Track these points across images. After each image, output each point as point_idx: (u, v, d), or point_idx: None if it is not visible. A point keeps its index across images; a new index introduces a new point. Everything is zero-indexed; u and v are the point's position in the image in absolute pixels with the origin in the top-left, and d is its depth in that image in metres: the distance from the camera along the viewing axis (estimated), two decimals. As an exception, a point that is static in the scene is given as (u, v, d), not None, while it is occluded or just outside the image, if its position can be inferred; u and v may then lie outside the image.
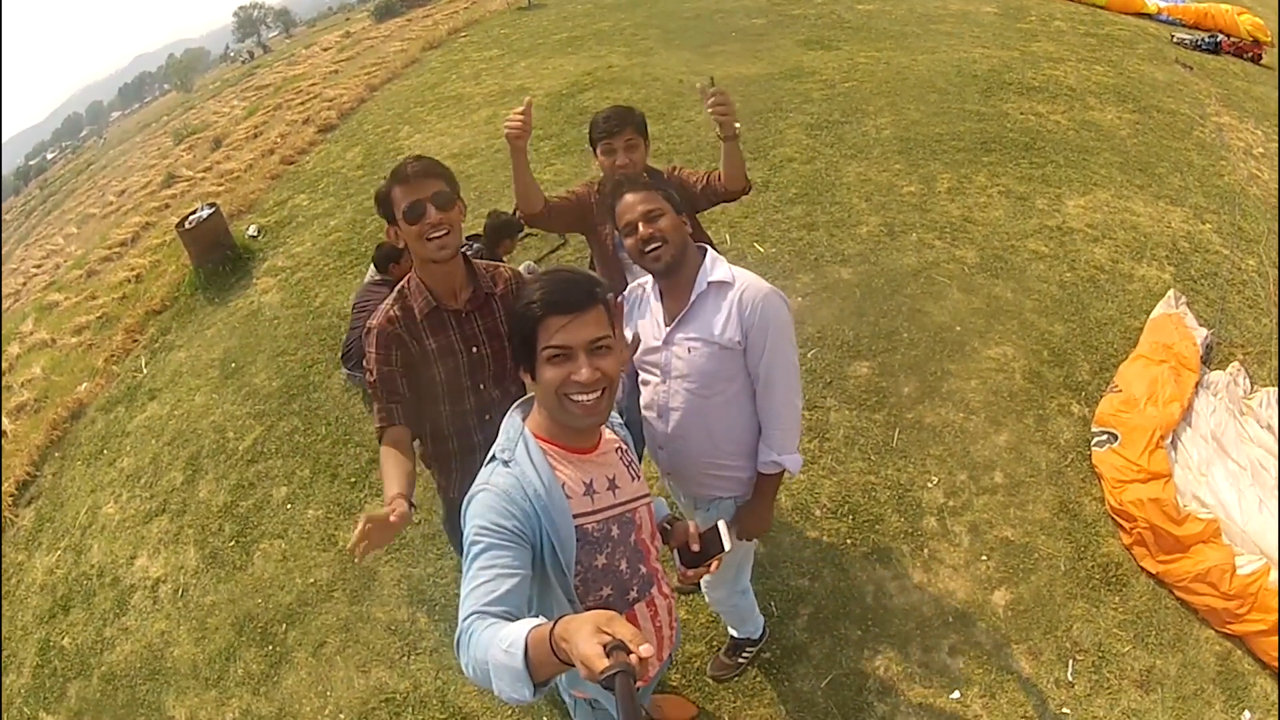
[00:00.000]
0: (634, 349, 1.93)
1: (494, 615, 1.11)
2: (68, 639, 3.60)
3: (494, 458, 1.35)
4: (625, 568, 1.45)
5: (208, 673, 3.14)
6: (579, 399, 1.28)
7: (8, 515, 4.66)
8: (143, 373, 5.48)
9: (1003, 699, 2.43)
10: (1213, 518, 2.69)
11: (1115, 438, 3.08)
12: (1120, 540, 2.86)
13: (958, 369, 3.68)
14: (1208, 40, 8.27)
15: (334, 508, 3.70)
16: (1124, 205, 4.86)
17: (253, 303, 5.76)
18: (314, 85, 13.70)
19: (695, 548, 1.57)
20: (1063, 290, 4.12)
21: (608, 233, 2.39)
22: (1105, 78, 6.98)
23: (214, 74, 40.60)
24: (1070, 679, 2.46)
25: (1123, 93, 6.61)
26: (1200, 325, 3.71)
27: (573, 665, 0.91)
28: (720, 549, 1.56)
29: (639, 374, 1.96)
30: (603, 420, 1.35)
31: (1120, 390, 3.30)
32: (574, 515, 1.33)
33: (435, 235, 1.77)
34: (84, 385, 5.67)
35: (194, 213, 6.59)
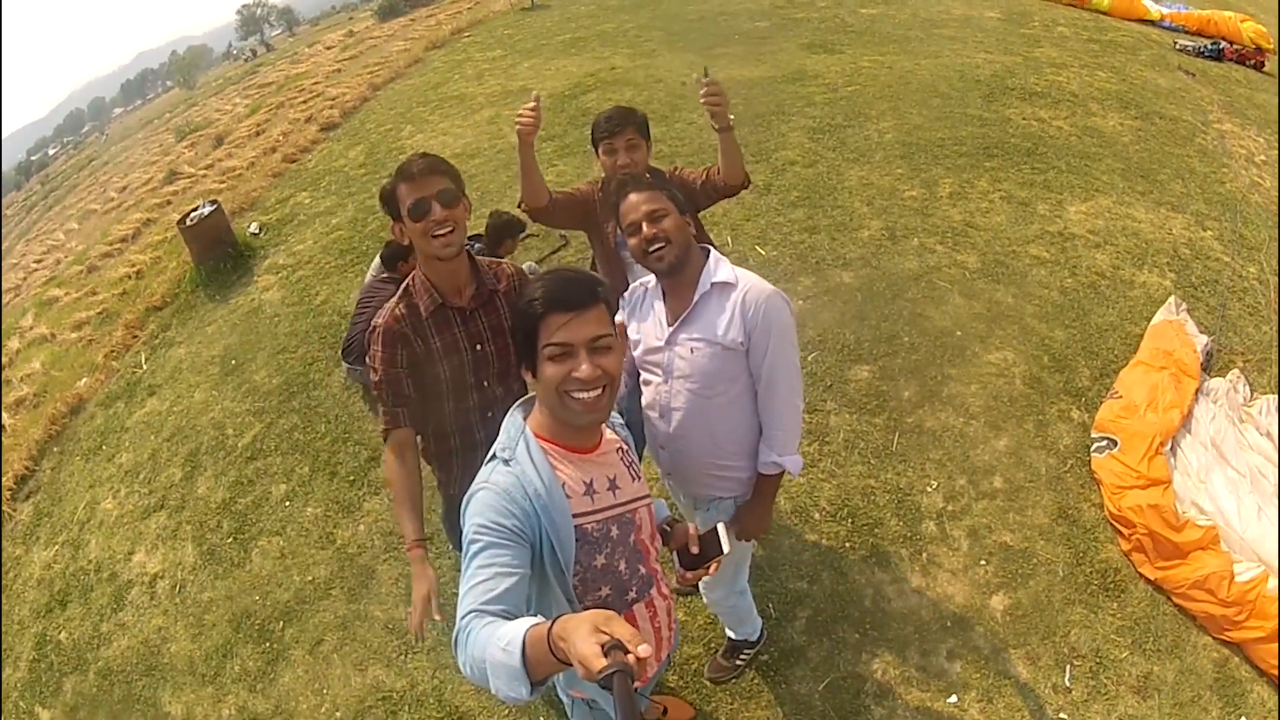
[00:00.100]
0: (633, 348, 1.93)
1: (492, 614, 1.11)
2: (65, 634, 3.60)
3: (494, 456, 1.35)
4: (624, 568, 1.45)
5: (204, 669, 3.14)
6: (580, 396, 1.28)
7: (6, 510, 4.67)
8: (142, 369, 5.49)
9: (1000, 703, 2.43)
10: (1211, 524, 2.69)
11: (1115, 443, 3.08)
12: (1119, 546, 2.86)
13: (958, 374, 3.68)
14: (1210, 47, 8.27)
15: (333, 505, 3.70)
16: (1125, 211, 4.86)
17: (253, 300, 5.77)
18: (317, 84, 13.71)
19: (695, 550, 1.58)
20: (1064, 296, 4.12)
21: (610, 231, 2.39)
22: (1108, 84, 6.98)
23: (217, 71, 40.64)
24: (1068, 684, 2.46)
25: (1125, 99, 6.61)
26: (1201, 332, 3.71)
27: (570, 665, 0.91)
28: (719, 551, 1.56)
29: (640, 374, 1.96)
30: (604, 418, 1.36)
31: (1120, 396, 3.30)
32: (574, 515, 1.33)
33: (440, 233, 1.78)
34: (83, 381, 5.67)
35: (195, 210, 6.60)
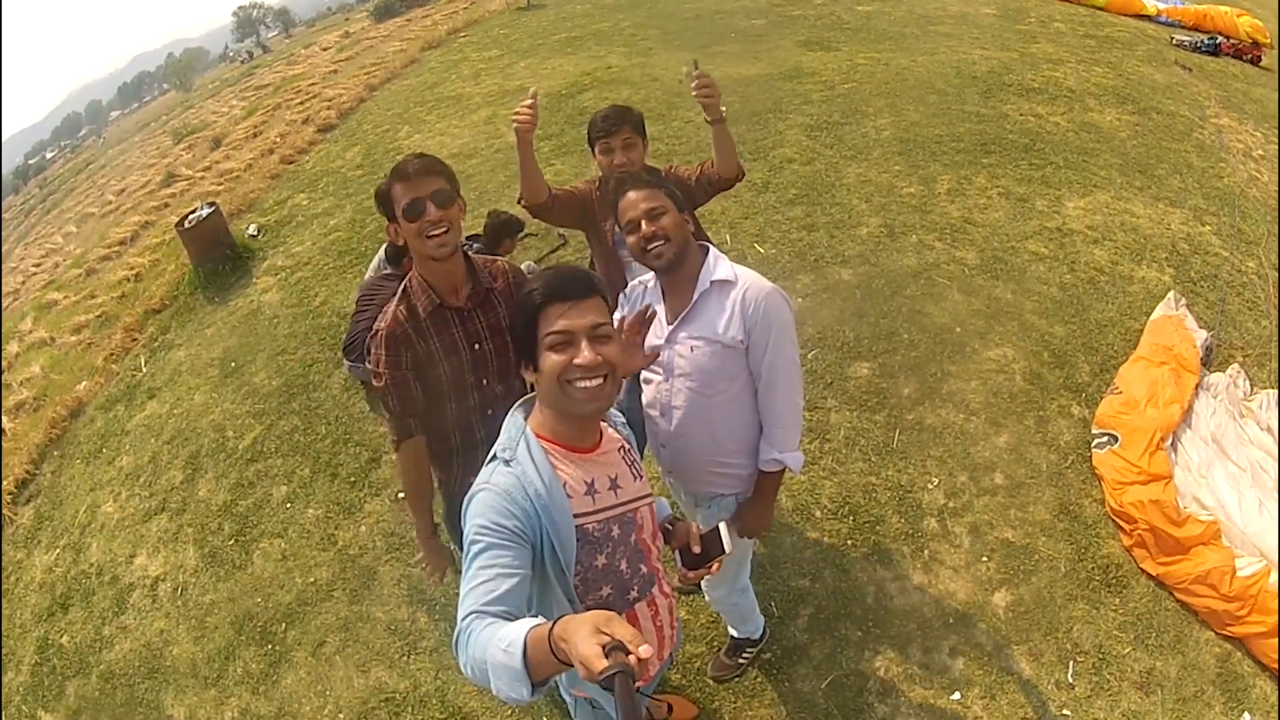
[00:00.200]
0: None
1: (493, 615, 1.11)
2: (66, 637, 3.60)
3: (495, 457, 1.34)
4: (625, 568, 1.44)
5: (207, 672, 3.13)
6: (582, 384, 1.28)
7: (7, 513, 4.66)
8: (142, 371, 5.48)
9: (1003, 700, 2.43)
10: (1213, 520, 2.69)
11: (1115, 439, 3.08)
12: (1120, 542, 2.86)
13: (958, 370, 3.68)
14: (1207, 42, 8.28)
15: (334, 507, 3.69)
16: (1124, 207, 4.86)
17: (252, 302, 5.77)
18: (313, 85, 13.70)
19: (696, 549, 1.58)
20: (1063, 292, 4.12)
21: (609, 229, 2.39)
22: (1105, 79, 6.98)
23: (213, 74, 40.54)
24: (1070, 680, 2.46)
25: (1122, 94, 6.61)
26: (1200, 327, 3.71)
27: (571, 665, 0.91)
28: (721, 550, 1.56)
29: (641, 372, 1.96)
30: (606, 406, 1.35)
31: (1120, 392, 3.30)
32: (575, 515, 1.33)
33: (435, 233, 1.78)
34: (83, 384, 5.66)
35: (193, 212, 6.60)
